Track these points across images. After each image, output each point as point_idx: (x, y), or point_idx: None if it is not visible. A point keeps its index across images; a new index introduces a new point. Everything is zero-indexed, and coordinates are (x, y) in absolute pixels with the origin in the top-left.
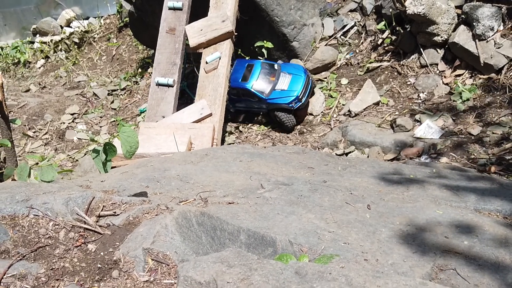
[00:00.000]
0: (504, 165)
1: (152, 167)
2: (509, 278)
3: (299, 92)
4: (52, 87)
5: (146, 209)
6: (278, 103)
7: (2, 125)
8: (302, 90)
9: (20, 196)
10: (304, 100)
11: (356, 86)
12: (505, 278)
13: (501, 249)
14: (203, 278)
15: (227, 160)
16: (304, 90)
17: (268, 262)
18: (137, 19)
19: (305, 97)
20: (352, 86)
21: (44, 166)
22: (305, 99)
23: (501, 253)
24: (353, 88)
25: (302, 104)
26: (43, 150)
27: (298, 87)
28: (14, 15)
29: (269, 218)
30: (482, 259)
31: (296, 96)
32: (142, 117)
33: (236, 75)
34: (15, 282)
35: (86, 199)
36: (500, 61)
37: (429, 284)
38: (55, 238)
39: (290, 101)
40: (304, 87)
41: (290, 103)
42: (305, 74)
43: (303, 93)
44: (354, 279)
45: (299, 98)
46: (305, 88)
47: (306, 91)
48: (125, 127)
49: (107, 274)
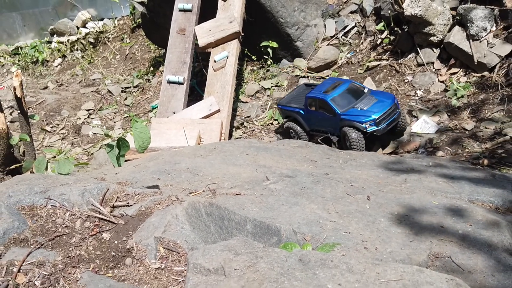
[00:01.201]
0: (496, 158)
1: (163, 160)
2: (501, 265)
3: (378, 115)
4: (68, 85)
5: (157, 200)
6: (351, 120)
7: (22, 120)
8: (383, 115)
9: (39, 187)
10: (382, 128)
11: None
12: (498, 265)
13: (493, 238)
14: (211, 265)
15: (234, 154)
16: (385, 117)
17: (273, 250)
18: (149, 20)
19: (384, 124)
20: None
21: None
22: (383, 127)
23: (493, 242)
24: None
25: (377, 130)
26: (60, 144)
27: (379, 111)
28: (32, 16)
29: (274, 209)
30: (476, 247)
31: (373, 119)
32: (153, 113)
33: (320, 88)
34: (33, 269)
35: (101, 190)
36: (492, 60)
37: (426, 271)
38: (71, 228)
39: (364, 120)
40: (387, 114)
41: (363, 123)
42: (393, 102)
43: (382, 119)
44: (354, 266)
45: (376, 122)
46: (387, 116)
47: (388, 119)
48: (138, 123)
49: (120, 261)
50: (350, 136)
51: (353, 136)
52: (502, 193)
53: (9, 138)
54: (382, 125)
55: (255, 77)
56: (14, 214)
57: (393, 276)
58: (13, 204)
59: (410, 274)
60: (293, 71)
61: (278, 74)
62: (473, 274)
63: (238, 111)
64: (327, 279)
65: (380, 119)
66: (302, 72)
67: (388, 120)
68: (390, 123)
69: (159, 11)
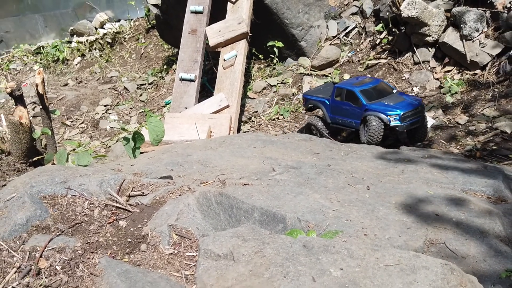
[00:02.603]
0: (488, 151)
1: (176, 152)
2: (492, 251)
3: (404, 111)
4: (87, 82)
5: (170, 190)
6: (376, 111)
7: (43, 115)
8: (408, 113)
9: (59, 178)
10: (405, 124)
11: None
12: (489, 251)
13: (485, 225)
14: (221, 251)
15: (242, 147)
16: (410, 115)
17: (279, 236)
18: (163, 22)
19: (407, 122)
20: None
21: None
22: (406, 124)
23: (485, 229)
24: None
25: (400, 126)
26: (80, 138)
27: (405, 109)
28: (54, 18)
29: (280, 198)
30: (469, 234)
31: (399, 113)
32: (167, 108)
33: (350, 81)
34: (54, 254)
35: (118, 181)
36: (484, 59)
37: (422, 257)
38: (90, 216)
39: (389, 114)
40: (412, 113)
41: (387, 115)
42: (419, 105)
43: (407, 116)
44: (355, 252)
45: (401, 117)
46: (412, 114)
47: (413, 118)
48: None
49: (136, 247)
50: (370, 123)
51: (373, 124)
52: (493, 183)
53: (32, 132)
54: (406, 122)
55: (262, 75)
56: (36, 203)
57: (391, 261)
58: (35, 193)
59: (407, 259)
60: (298, 69)
61: (284, 72)
62: (466, 259)
63: (246, 106)
64: (330, 263)
65: (405, 116)
66: (306, 70)
67: (413, 119)
68: (413, 124)
69: (172, 13)
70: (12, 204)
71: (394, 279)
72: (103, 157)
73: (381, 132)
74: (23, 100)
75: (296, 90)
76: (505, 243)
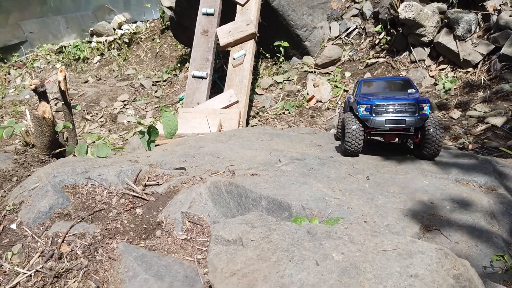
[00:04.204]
0: (479, 144)
1: (188, 145)
2: (483, 237)
3: (377, 102)
4: (106, 79)
5: (184, 180)
6: (357, 103)
7: (65, 110)
8: (386, 106)
9: (80, 169)
10: (378, 120)
11: (358, 78)
12: (480, 236)
13: (477, 213)
14: (231, 237)
15: (250, 139)
16: (392, 111)
17: (284, 223)
18: (176, 23)
19: (382, 118)
20: (354, 78)
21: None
22: (381, 121)
23: (477, 216)
24: (354, 80)
25: (371, 120)
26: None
27: (382, 101)
28: (75, 20)
29: (285, 187)
30: (462, 221)
31: (371, 104)
32: (180, 103)
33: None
34: (75, 240)
35: (135, 171)
36: (476, 58)
37: (418, 242)
38: (108, 204)
39: (361, 103)
40: (396, 109)
41: (359, 106)
42: (414, 102)
43: (384, 111)
44: (355, 237)
45: (373, 109)
46: (397, 111)
47: (398, 117)
48: (167, 112)
49: (151, 233)
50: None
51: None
52: (484, 174)
53: (55, 126)
54: (380, 117)
55: (269, 73)
56: (58, 192)
57: (390, 246)
58: (57, 183)
59: (404, 244)
60: (302, 67)
61: (289, 70)
62: (459, 244)
63: (254, 102)
64: (332, 248)
65: (379, 109)
66: (310, 68)
67: (398, 118)
68: (398, 123)
69: (185, 15)
70: (36, 193)
71: (392, 263)
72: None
73: (355, 133)
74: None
75: (301, 86)
76: (495, 230)
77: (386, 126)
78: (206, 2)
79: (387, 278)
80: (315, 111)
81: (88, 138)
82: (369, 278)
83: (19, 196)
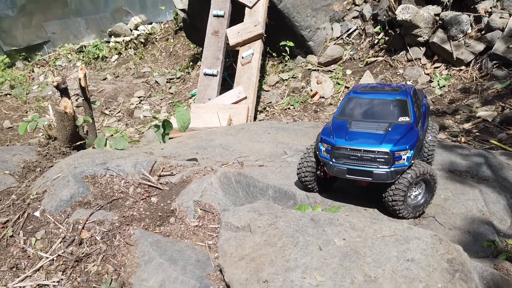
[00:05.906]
0: (471, 137)
1: (200, 138)
2: (475, 224)
3: (339, 143)
4: (123, 77)
5: (196, 170)
6: None
7: (85, 105)
8: (348, 149)
9: (99, 160)
10: (336, 167)
11: (358, 76)
12: (472, 224)
13: (469, 201)
14: (240, 223)
15: (258, 133)
16: (353, 155)
17: (290, 211)
18: (189, 24)
19: (341, 164)
20: (355, 75)
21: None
22: (340, 168)
23: (469, 205)
24: (355, 77)
25: (329, 166)
26: (117, 125)
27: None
28: (94, 21)
29: (291, 177)
30: (455, 209)
31: (332, 145)
32: (193, 99)
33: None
34: (95, 226)
35: (150, 162)
36: (468, 57)
37: (414, 228)
38: (126, 193)
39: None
40: (357, 150)
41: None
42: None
43: (344, 156)
44: (356, 224)
45: (332, 152)
46: (357, 154)
47: (359, 162)
48: (180, 107)
49: (166, 220)
50: None
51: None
52: (476, 165)
53: (75, 120)
54: (339, 164)
55: (275, 70)
56: (79, 181)
57: (388, 232)
58: (78, 173)
59: (401, 231)
60: (306, 65)
61: (294, 68)
62: (452, 231)
63: (261, 98)
64: (334, 234)
65: (340, 153)
66: (313, 66)
67: (358, 166)
68: (359, 174)
69: (197, 17)
70: (58, 182)
71: (390, 248)
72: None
73: (304, 179)
74: (67, 92)
75: (305, 83)
76: (486, 217)
77: (347, 177)
78: (217, 5)
79: (386, 262)
80: (318, 106)
81: (107, 131)
82: (369, 262)
83: (42, 185)
